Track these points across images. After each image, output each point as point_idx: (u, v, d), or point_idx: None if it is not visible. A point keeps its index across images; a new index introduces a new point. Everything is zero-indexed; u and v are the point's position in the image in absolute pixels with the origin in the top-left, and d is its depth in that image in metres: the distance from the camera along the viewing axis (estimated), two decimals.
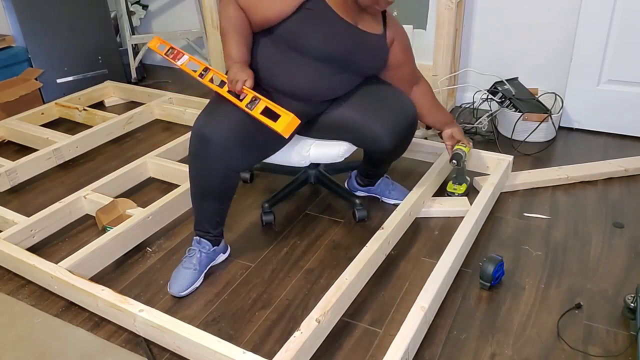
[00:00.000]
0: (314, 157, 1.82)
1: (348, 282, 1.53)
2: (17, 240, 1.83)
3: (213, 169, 1.56)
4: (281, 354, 1.29)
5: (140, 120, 2.84)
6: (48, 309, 1.65)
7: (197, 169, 1.60)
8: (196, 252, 1.71)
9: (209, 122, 1.53)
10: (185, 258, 1.72)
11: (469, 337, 1.49)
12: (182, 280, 1.67)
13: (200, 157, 1.57)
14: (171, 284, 1.68)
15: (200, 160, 1.57)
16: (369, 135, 1.69)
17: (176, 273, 1.70)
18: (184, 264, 1.71)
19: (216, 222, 1.71)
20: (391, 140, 1.68)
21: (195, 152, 1.57)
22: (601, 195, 2.11)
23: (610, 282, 1.66)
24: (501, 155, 2.21)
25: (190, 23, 3.67)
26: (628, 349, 1.42)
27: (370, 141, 1.70)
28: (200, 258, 1.71)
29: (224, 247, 1.82)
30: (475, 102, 2.85)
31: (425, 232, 1.93)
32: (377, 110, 1.69)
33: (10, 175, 2.26)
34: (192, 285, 1.68)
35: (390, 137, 1.68)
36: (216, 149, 1.52)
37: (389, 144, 1.69)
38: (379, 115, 1.68)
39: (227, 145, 1.52)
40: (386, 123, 1.67)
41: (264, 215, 1.97)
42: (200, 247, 1.72)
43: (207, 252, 1.72)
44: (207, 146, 1.52)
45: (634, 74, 2.44)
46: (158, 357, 1.47)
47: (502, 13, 2.76)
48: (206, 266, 1.74)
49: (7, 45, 3.03)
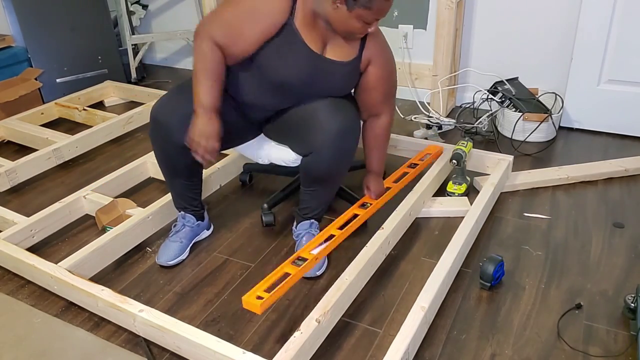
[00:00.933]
0: (273, 157, 1.81)
1: (348, 282, 1.53)
2: (17, 240, 1.82)
3: (170, 148, 1.65)
4: (281, 354, 1.29)
5: (140, 120, 2.84)
6: (48, 309, 1.65)
7: (157, 150, 1.71)
8: (181, 226, 1.85)
9: (164, 107, 1.62)
10: (171, 232, 1.86)
11: (469, 337, 1.49)
12: (169, 251, 1.81)
13: (156, 139, 1.67)
14: (159, 255, 1.81)
15: (157, 142, 1.67)
16: (303, 131, 1.62)
17: (164, 245, 1.84)
18: (171, 237, 1.84)
19: (189, 197, 1.82)
20: (321, 141, 1.56)
21: (152, 134, 1.68)
22: (601, 195, 2.11)
23: (610, 282, 1.66)
24: (501, 155, 2.21)
25: (190, 23, 3.66)
26: (628, 349, 1.42)
27: (301, 138, 1.63)
28: (185, 230, 1.84)
29: (208, 224, 1.94)
30: (475, 102, 2.85)
31: (425, 232, 1.93)
32: (319, 109, 1.59)
33: (10, 175, 2.26)
34: (178, 256, 1.81)
35: (321, 138, 1.56)
36: (167, 131, 1.61)
37: (317, 143, 1.57)
38: (319, 114, 1.59)
39: (178, 126, 1.58)
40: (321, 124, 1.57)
41: (264, 216, 1.97)
42: (184, 222, 1.84)
43: (191, 225, 1.85)
44: (160, 128, 1.62)
45: (634, 74, 2.44)
46: (158, 357, 1.46)
47: (502, 13, 2.76)
48: (191, 240, 1.87)
49: (7, 45, 3.03)
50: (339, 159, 1.61)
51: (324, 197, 1.76)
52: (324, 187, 1.71)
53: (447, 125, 2.67)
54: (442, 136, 2.64)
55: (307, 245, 1.61)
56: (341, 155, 1.61)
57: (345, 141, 1.58)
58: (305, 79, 1.60)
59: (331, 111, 1.57)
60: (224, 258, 1.84)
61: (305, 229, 1.79)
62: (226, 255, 1.85)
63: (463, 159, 2.07)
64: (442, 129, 2.65)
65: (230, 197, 2.19)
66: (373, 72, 1.67)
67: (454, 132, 2.68)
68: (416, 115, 2.84)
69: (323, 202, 1.77)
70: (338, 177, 1.70)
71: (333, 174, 1.66)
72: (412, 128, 2.73)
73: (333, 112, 1.57)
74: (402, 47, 3.03)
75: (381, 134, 1.80)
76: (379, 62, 1.66)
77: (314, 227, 1.80)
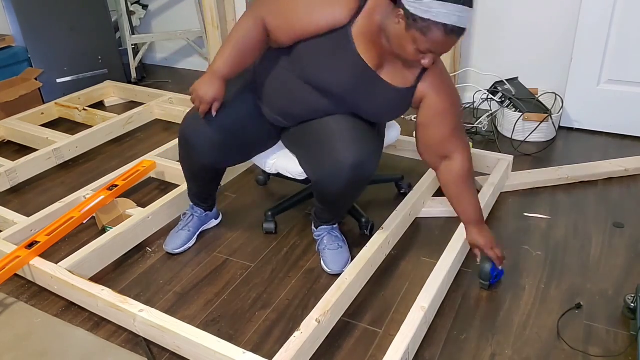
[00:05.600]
0: (280, 167, 1.72)
1: (348, 282, 1.53)
2: (17, 240, 1.82)
3: (196, 166, 1.69)
4: (281, 354, 1.29)
5: (140, 120, 2.84)
6: (48, 309, 1.65)
7: (183, 161, 1.73)
8: (190, 215, 1.89)
9: (193, 125, 1.60)
10: (181, 221, 1.90)
11: (469, 337, 1.49)
12: (177, 239, 1.86)
13: (184, 155, 1.70)
14: (167, 243, 1.87)
15: (185, 157, 1.70)
16: (312, 157, 1.55)
17: (172, 234, 1.89)
18: (179, 226, 1.89)
19: (204, 197, 1.87)
20: (328, 173, 1.49)
21: (181, 150, 1.70)
22: (601, 195, 2.11)
23: (610, 282, 1.66)
24: (501, 155, 2.21)
25: (190, 23, 3.67)
26: (628, 349, 1.42)
27: (310, 162, 1.56)
28: (194, 220, 1.89)
29: (216, 214, 1.99)
30: (476, 102, 2.85)
31: (425, 232, 1.93)
32: (334, 136, 1.49)
33: (10, 175, 2.26)
34: (185, 244, 1.87)
35: (328, 170, 1.48)
36: (198, 152, 1.62)
37: (325, 175, 1.50)
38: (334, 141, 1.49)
39: (208, 149, 1.60)
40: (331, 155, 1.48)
41: (265, 223, 1.94)
42: (193, 212, 1.90)
43: (199, 215, 1.90)
44: (190, 148, 1.63)
45: (634, 74, 2.44)
46: (158, 357, 1.46)
47: (502, 13, 2.76)
48: (198, 228, 1.92)
49: (7, 45, 3.03)
50: (349, 190, 1.53)
51: (338, 212, 1.74)
52: (336, 207, 1.66)
53: None
54: None
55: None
56: (352, 188, 1.52)
57: (357, 175, 1.48)
58: (347, 87, 1.49)
59: (350, 138, 1.47)
60: (224, 258, 1.84)
61: (326, 230, 1.79)
62: (226, 255, 1.85)
63: None
64: None
65: (230, 197, 2.19)
66: (433, 103, 1.51)
67: None
68: (416, 116, 2.83)
69: (338, 215, 1.76)
70: (350, 201, 1.64)
71: (342, 200, 1.60)
72: (412, 128, 2.73)
73: (351, 140, 1.47)
74: None
75: (461, 178, 1.57)
76: (435, 98, 1.51)
77: (335, 229, 1.80)
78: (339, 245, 1.76)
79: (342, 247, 1.76)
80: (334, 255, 1.73)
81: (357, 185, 1.52)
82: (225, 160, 1.67)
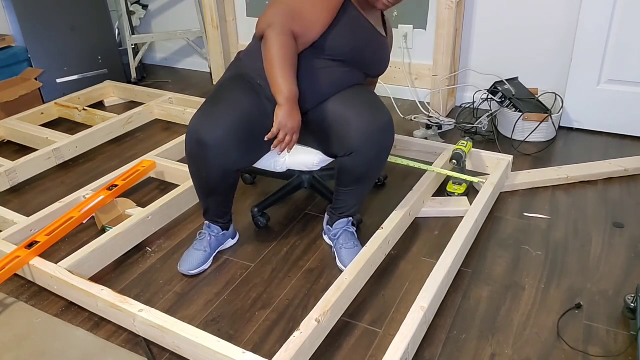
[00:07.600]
0: (289, 164, 1.74)
1: (348, 282, 1.53)
2: (17, 240, 1.82)
3: (211, 169, 1.58)
4: (281, 354, 1.29)
5: (140, 120, 2.84)
6: (48, 309, 1.65)
7: (195, 169, 1.62)
8: (206, 235, 1.80)
9: (205, 123, 1.53)
10: (196, 240, 1.81)
11: (469, 337, 1.49)
12: (192, 260, 1.77)
13: (196, 158, 1.58)
14: (181, 263, 1.77)
15: (197, 161, 1.58)
16: (342, 131, 1.60)
17: (187, 253, 1.79)
18: (195, 245, 1.80)
19: (222, 212, 1.78)
20: (362, 140, 1.57)
21: (192, 153, 1.58)
22: (601, 195, 2.11)
23: (610, 282, 1.66)
24: (501, 155, 2.21)
25: (191, 23, 3.67)
26: (628, 349, 1.42)
27: (339, 138, 1.61)
28: (210, 241, 1.80)
29: (233, 233, 1.89)
30: (475, 102, 2.85)
31: (425, 232, 1.93)
32: (356, 108, 1.61)
33: (10, 175, 2.26)
34: (201, 266, 1.77)
35: (362, 137, 1.57)
36: (212, 152, 1.53)
37: (358, 142, 1.57)
38: (357, 113, 1.60)
39: (223, 147, 1.52)
40: (361, 123, 1.58)
41: (253, 219, 1.96)
42: (210, 231, 1.80)
43: (216, 235, 1.80)
44: (203, 148, 1.53)
45: (634, 74, 2.44)
46: (158, 357, 1.46)
47: (502, 13, 2.76)
48: (215, 249, 1.82)
49: (7, 45, 3.03)
50: (380, 156, 1.63)
51: (362, 194, 1.76)
52: (362, 185, 1.71)
53: (447, 125, 2.67)
54: (442, 136, 2.64)
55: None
56: (382, 153, 1.63)
57: (386, 138, 1.61)
58: (364, 46, 1.67)
59: (369, 109, 1.59)
60: (224, 258, 1.84)
61: (343, 227, 1.79)
62: (226, 255, 1.85)
63: (463, 159, 2.07)
64: (442, 129, 2.65)
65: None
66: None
67: (454, 132, 2.69)
68: (416, 115, 2.84)
69: (361, 199, 1.77)
70: (377, 174, 1.71)
71: (372, 171, 1.67)
72: (412, 128, 2.73)
73: (371, 111, 1.59)
74: (402, 47, 3.03)
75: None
76: (390, 43, 1.85)
77: (350, 224, 1.81)
78: (355, 244, 1.78)
79: (357, 245, 1.78)
80: (351, 253, 1.75)
81: (385, 151, 1.63)
82: (239, 159, 1.58)
